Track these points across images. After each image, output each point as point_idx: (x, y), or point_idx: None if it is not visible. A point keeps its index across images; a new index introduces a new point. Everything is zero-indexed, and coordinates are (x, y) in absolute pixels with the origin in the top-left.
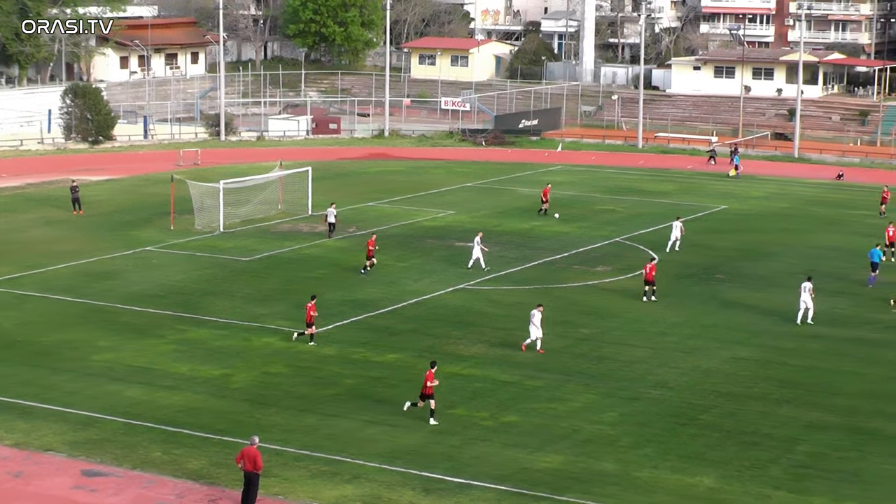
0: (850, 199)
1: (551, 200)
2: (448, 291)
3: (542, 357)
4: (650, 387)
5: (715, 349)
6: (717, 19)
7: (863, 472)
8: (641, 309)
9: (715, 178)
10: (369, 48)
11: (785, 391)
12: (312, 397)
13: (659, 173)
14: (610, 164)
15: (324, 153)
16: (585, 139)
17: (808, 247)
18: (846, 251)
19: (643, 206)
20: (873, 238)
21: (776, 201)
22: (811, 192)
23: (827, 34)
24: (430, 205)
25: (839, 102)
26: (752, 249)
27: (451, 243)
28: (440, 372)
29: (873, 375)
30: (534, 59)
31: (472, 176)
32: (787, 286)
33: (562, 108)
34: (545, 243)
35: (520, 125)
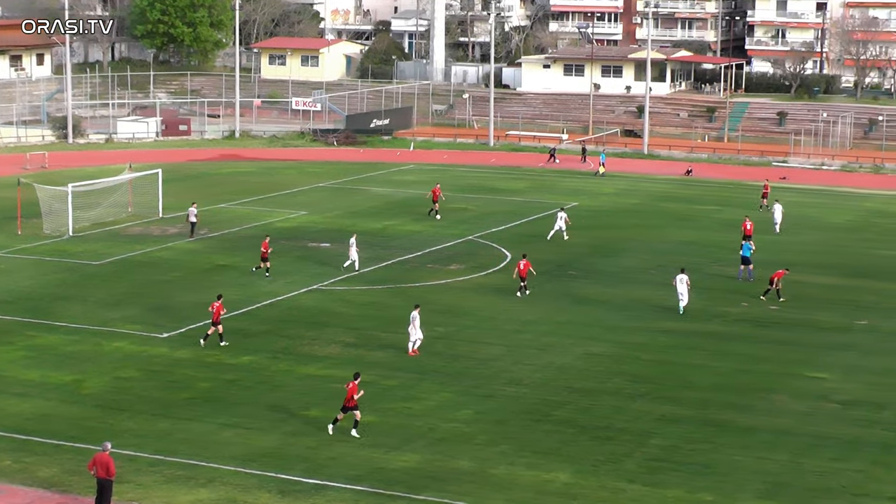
0: (700, 195)
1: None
2: (302, 292)
3: (396, 356)
4: (505, 384)
5: (569, 345)
6: (566, 17)
7: (715, 464)
8: (496, 307)
9: (566, 176)
10: (219, 49)
11: (638, 386)
12: (166, 401)
13: (510, 171)
14: (461, 162)
15: (174, 155)
16: (437, 138)
17: (659, 242)
18: (696, 246)
19: (495, 203)
20: (723, 232)
21: (627, 197)
22: (661, 188)
23: (674, 32)
24: (282, 206)
25: (687, 99)
26: (604, 246)
27: (305, 244)
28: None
29: (723, 368)
30: (384, 59)
31: (324, 176)
32: (639, 281)
33: (413, 108)
34: (398, 242)
35: (371, 125)
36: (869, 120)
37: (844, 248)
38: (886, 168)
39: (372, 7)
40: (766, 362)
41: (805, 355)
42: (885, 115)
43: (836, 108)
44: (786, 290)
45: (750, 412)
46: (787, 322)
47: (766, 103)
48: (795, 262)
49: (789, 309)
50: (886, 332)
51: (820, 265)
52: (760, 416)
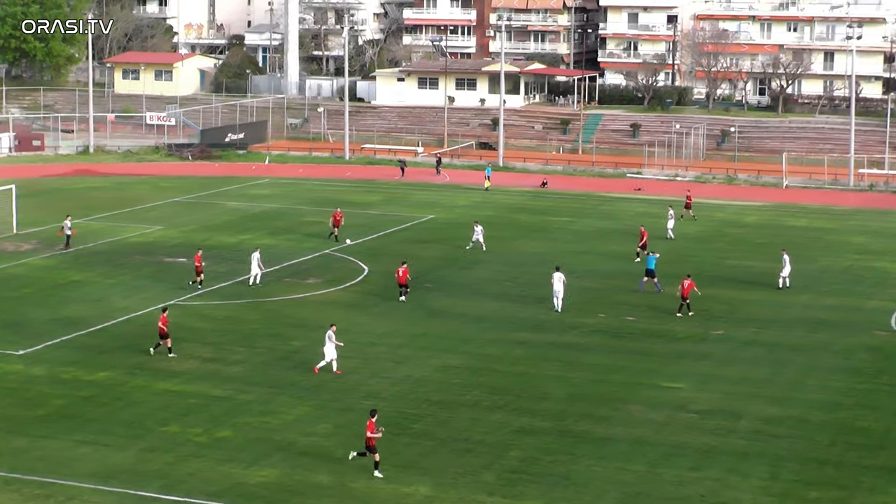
0: (554, 206)
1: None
2: (158, 307)
3: (253, 371)
4: (363, 397)
5: (425, 358)
6: (420, 31)
7: (573, 475)
8: (351, 320)
9: (420, 188)
10: (72, 63)
11: (495, 397)
12: (21, 419)
13: (365, 184)
14: (317, 176)
15: (27, 170)
16: (292, 152)
17: (512, 253)
18: (549, 257)
19: (350, 217)
20: (577, 243)
21: (481, 210)
22: (516, 199)
23: (527, 45)
24: (136, 220)
25: (541, 111)
26: (458, 258)
27: (160, 259)
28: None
29: (579, 379)
30: (238, 73)
31: (179, 191)
32: (493, 294)
33: (268, 122)
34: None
35: (226, 139)
36: (721, 131)
37: (696, 257)
38: (739, 179)
39: (225, 21)
40: (621, 372)
41: (660, 365)
42: (737, 126)
43: (688, 120)
44: (637, 301)
45: (606, 423)
46: (641, 332)
47: (619, 115)
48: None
49: (643, 319)
50: (740, 342)
51: (672, 275)
52: (617, 427)
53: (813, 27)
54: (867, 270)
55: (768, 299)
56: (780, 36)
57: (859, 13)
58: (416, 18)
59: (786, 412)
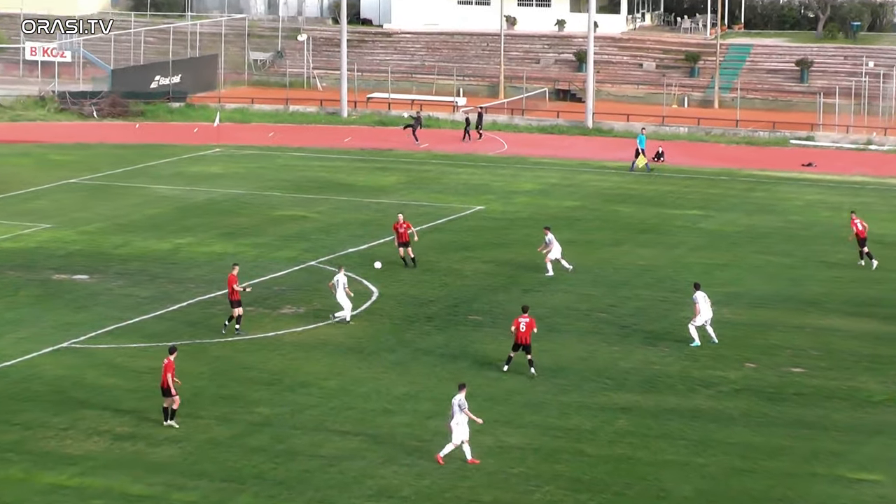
0: (674, 193)
1: None
2: (45, 353)
3: (195, 454)
4: (370, 497)
5: (471, 434)
6: None
7: None
8: (350, 373)
9: (460, 163)
10: None
11: (582, 497)
12: None
13: (375, 157)
14: (298, 144)
15: None
16: (258, 105)
17: (608, 268)
18: (666, 273)
19: (349, 208)
20: (710, 251)
21: (559, 198)
22: (613, 182)
23: None
24: (9, 215)
25: (654, 41)
26: (522, 275)
27: (48, 276)
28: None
29: (713, 467)
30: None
31: (78, 168)
32: (577, 331)
33: (219, 57)
34: (197, 272)
35: (152, 85)
36: None
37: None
38: None
39: None
40: (781, 457)
41: (841, 445)
42: None
43: (887, 55)
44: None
45: None
46: (815, 392)
47: (778, 46)
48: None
49: (816, 370)
50: None
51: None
52: None
53: None
54: None
55: None
56: None
57: None
58: None
59: None
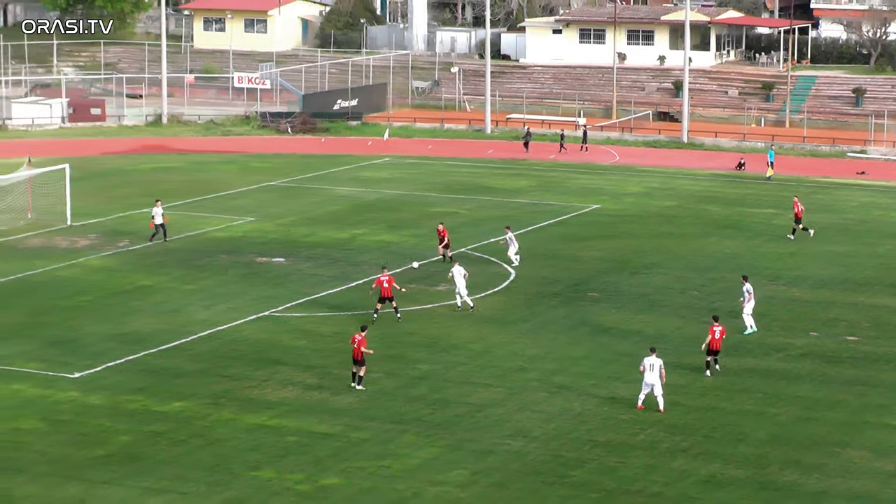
0: (754, 195)
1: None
2: (248, 321)
3: (370, 402)
4: (507, 437)
5: (588, 387)
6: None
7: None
8: (492, 338)
9: (581, 171)
10: (139, 11)
11: (677, 438)
12: (75, 460)
13: (511, 165)
14: (450, 154)
15: (84, 146)
16: (419, 123)
17: (700, 255)
18: (746, 260)
19: (493, 207)
20: (781, 243)
21: (659, 199)
22: (703, 186)
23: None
24: (221, 210)
25: (737, 73)
26: (630, 260)
27: (251, 259)
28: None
29: (783, 416)
30: (351, 23)
31: (275, 173)
32: (674, 306)
33: (388, 85)
34: (369, 257)
35: (335, 107)
36: None
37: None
38: None
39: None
40: (839, 408)
41: (888, 399)
42: None
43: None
44: (860, 317)
45: (819, 472)
46: (866, 356)
47: (838, 77)
48: (867, 281)
49: (869, 339)
50: None
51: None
52: (834, 478)
53: None
54: None
55: None
56: None
57: None
58: None
59: None
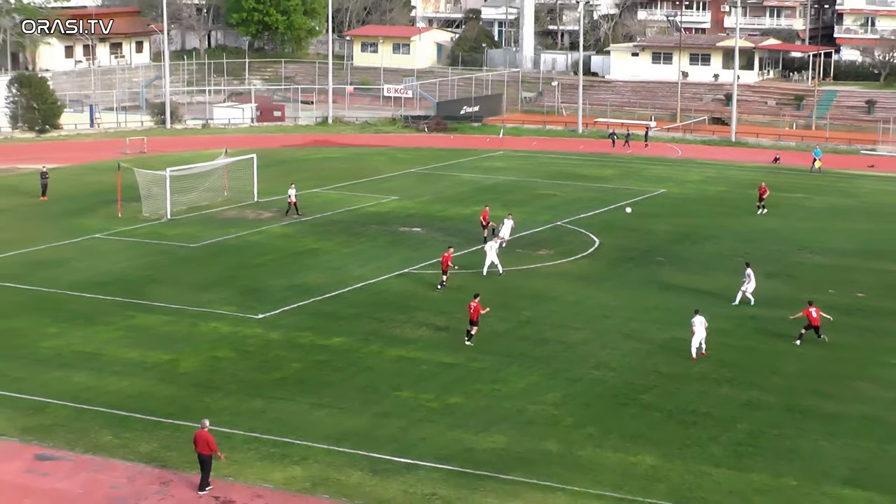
0: (787, 182)
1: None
2: (392, 276)
3: (486, 340)
4: (592, 368)
5: (655, 331)
6: (655, 6)
7: (800, 449)
8: (582, 292)
9: (653, 163)
10: (312, 36)
11: (724, 371)
12: (259, 381)
13: (599, 158)
14: (550, 149)
15: (268, 140)
16: (526, 125)
17: (746, 230)
18: (783, 234)
19: (583, 190)
20: (811, 220)
21: (714, 185)
22: (748, 175)
23: (762, 20)
24: (372, 191)
25: (775, 87)
26: (690, 233)
27: (395, 228)
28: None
29: (810, 356)
30: (474, 47)
31: (414, 162)
32: (725, 269)
33: (503, 95)
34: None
35: (461, 112)
36: None
37: None
38: None
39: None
40: (851, 350)
41: (892, 343)
42: None
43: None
44: (869, 279)
45: (835, 399)
46: (873, 310)
47: (854, 91)
48: (877, 251)
49: (875, 297)
50: None
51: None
52: (846, 404)
53: None
54: None
55: None
56: None
57: None
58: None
59: None
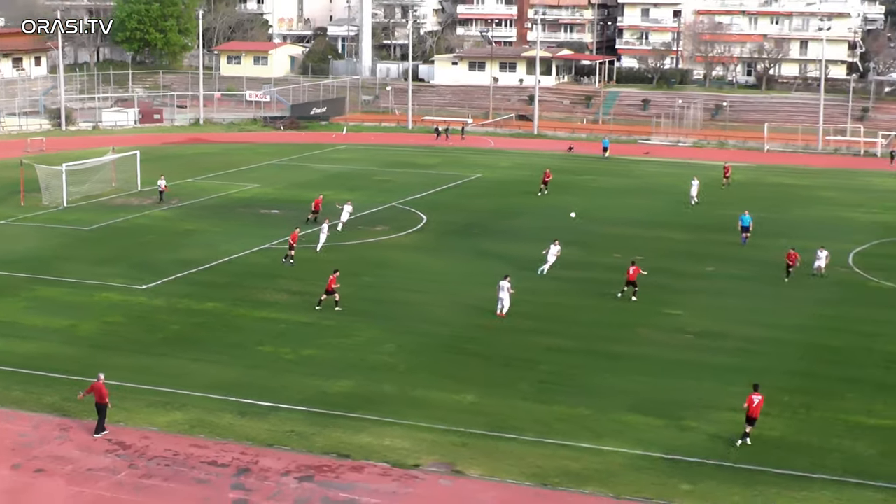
0: (580, 167)
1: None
2: (255, 251)
3: (335, 302)
4: (422, 323)
5: (475, 290)
6: (470, 23)
7: (591, 384)
8: (413, 260)
9: (471, 153)
10: (185, 51)
11: (530, 323)
12: (145, 341)
13: (426, 149)
14: (386, 142)
15: (149, 139)
16: (366, 123)
17: (548, 207)
18: (578, 208)
19: (413, 176)
20: (601, 198)
21: (521, 170)
22: (548, 162)
23: (558, 35)
24: (238, 179)
25: (569, 89)
26: (502, 210)
27: (257, 211)
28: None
29: (602, 308)
30: (322, 58)
31: (273, 155)
32: (531, 239)
33: (346, 98)
34: (334, 209)
35: (311, 112)
36: (715, 105)
37: (692, 210)
38: (729, 144)
39: (311, 16)
40: (635, 303)
41: (665, 297)
42: (728, 101)
43: (689, 96)
44: (650, 247)
45: (621, 343)
46: (650, 269)
47: (632, 92)
48: (653, 221)
49: (652, 258)
50: (729, 277)
51: (673, 224)
52: (629, 346)
53: (791, 20)
54: (833, 219)
55: (752, 242)
56: (764, 27)
57: (829, 9)
58: (468, 13)
59: (764, 334)
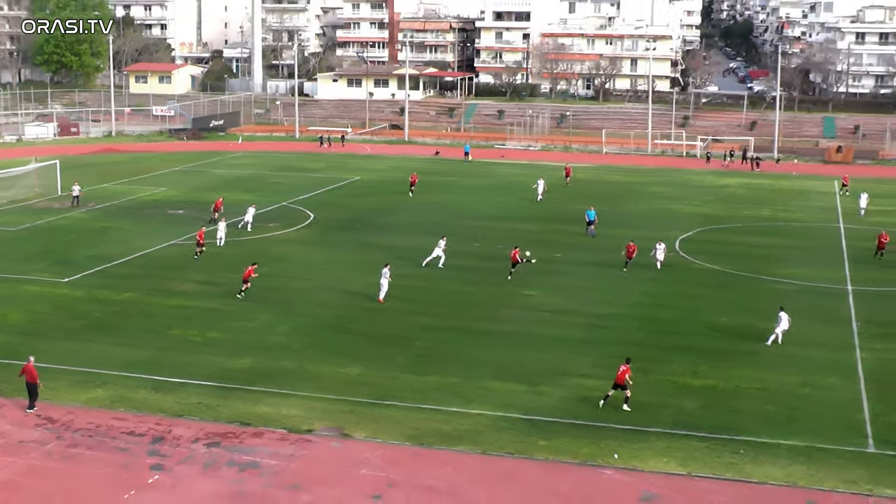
0: (446, 169)
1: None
2: (165, 246)
3: (234, 290)
4: (313, 306)
5: (358, 278)
6: (349, 46)
7: (461, 357)
8: (303, 253)
9: (351, 158)
10: (98, 72)
11: (408, 305)
12: (69, 328)
13: (312, 156)
14: (276, 149)
15: (68, 149)
16: (258, 133)
17: (420, 204)
18: (447, 206)
19: (301, 178)
20: (465, 195)
21: (395, 173)
22: (418, 165)
23: (424, 55)
24: (148, 184)
25: (434, 102)
26: (381, 207)
27: (165, 211)
28: (163, 304)
29: (470, 292)
30: (219, 77)
31: (178, 162)
32: (409, 232)
33: (241, 112)
34: (233, 209)
35: (210, 125)
36: (560, 114)
37: (542, 204)
38: (573, 147)
39: (209, 40)
40: (499, 286)
41: (521, 279)
42: (571, 111)
43: (537, 107)
44: (507, 237)
45: (487, 320)
46: (505, 256)
47: (489, 104)
48: (509, 216)
49: (509, 246)
50: (575, 262)
51: (526, 217)
52: (494, 323)
53: (623, 42)
54: (662, 211)
55: (596, 232)
56: (600, 48)
57: (654, 32)
58: (346, 37)
59: (609, 310)
